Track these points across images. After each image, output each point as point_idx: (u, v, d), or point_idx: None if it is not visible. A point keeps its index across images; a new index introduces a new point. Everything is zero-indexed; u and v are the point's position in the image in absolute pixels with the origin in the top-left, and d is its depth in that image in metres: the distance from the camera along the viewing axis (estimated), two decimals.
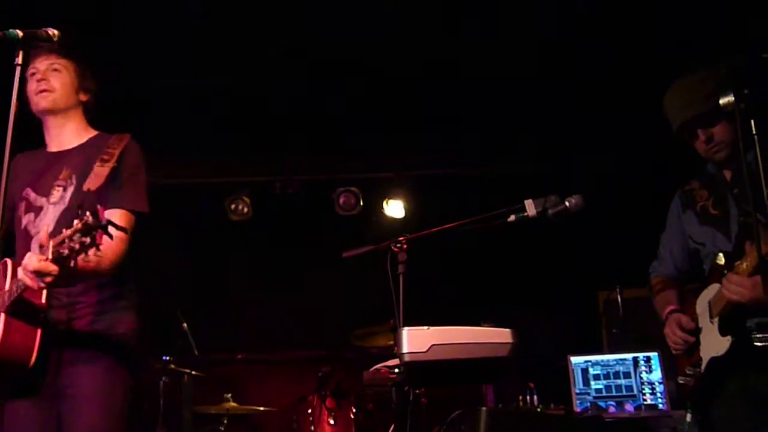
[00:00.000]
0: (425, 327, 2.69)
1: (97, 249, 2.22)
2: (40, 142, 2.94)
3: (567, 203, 2.97)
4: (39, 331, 2.53)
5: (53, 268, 2.33)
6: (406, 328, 2.71)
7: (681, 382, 2.97)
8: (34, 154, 2.95)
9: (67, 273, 2.36)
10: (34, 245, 2.68)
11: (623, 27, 4.76)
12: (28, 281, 2.38)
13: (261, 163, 6.53)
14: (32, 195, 2.82)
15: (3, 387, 2.66)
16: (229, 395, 5.25)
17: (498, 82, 5.33)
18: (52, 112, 2.85)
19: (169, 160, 6.36)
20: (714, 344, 2.78)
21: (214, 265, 6.26)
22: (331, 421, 4.76)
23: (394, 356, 2.83)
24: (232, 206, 6.53)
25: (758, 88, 2.40)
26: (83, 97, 2.90)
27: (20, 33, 2.28)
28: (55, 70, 2.82)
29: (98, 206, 2.22)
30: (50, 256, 2.30)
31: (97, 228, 2.19)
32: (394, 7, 4.61)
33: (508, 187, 5.36)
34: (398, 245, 3.01)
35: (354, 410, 4.79)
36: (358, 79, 5.33)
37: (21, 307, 2.50)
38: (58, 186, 2.80)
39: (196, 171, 6.53)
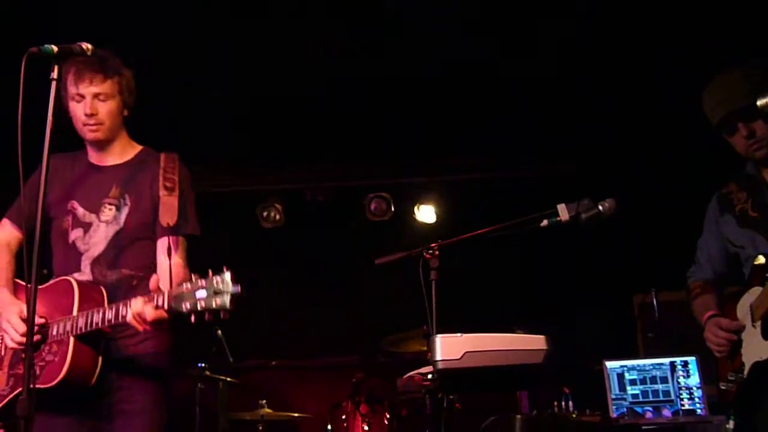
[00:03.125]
0: (458, 334, 2.68)
1: (228, 313, 2.29)
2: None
3: (600, 207, 2.93)
4: (101, 357, 2.63)
5: (166, 317, 2.41)
6: (439, 336, 2.70)
7: (723, 388, 2.91)
8: (71, 160, 2.92)
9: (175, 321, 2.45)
10: (85, 263, 2.76)
11: (656, 24, 4.70)
12: (137, 325, 2.45)
13: (292, 171, 6.57)
14: (80, 210, 2.82)
15: (62, 402, 2.70)
16: (264, 401, 5.28)
17: (529, 84, 5.29)
18: (102, 141, 2.87)
19: (200, 169, 6.42)
20: (757, 349, 2.72)
21: (246, 273, 6.27)
22: (365, 427, 4.76)
23: (427, 362, 2.83)
24: (264, 214, 6.56)
25: None
26: (126, 113, 2.90)
27: (55, 48, 2.29)
28: (102, 99, 2.78)
29: (227, 269, 2.30)
30: (166, 307, 2.36)
31: (230, 294, 2.27)
32: (419, 9, 4.60)
33: (540, 191, 5.33)
34: (430, 251, 3.00)
35: (388, 416, 4.78)
36: (388, 85, 5.34)
37: (90, 333, 2.58)
38: (109, 204, 2.81)
39: (228, 180, 6.58)
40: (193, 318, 2.31)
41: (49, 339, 2.64)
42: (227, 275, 2.28)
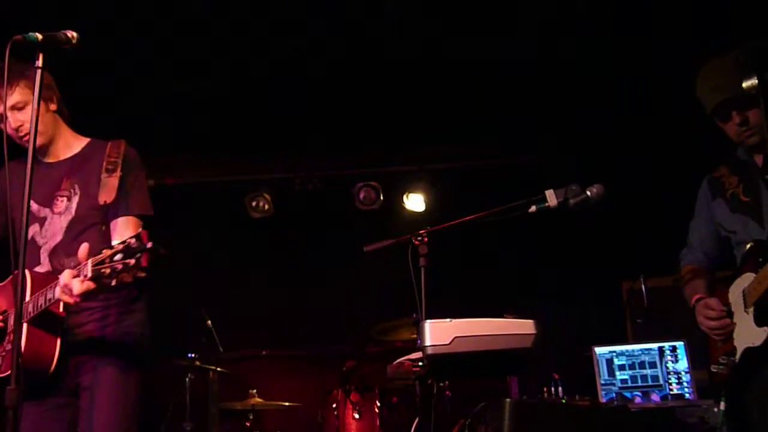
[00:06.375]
0: (448, 320, 2.69)
1: (143, 270, 2.29)
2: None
3: (588, 192, 2.94)
4: (59, 340, 2.64)
5: (93, 287, 2.40)
6: (428, 321, 2.71)
7: (714, 370, 2.91)
8: (24, 162, 2.95)
9: (103, 290, 2.44)
10: (44, 255, 2.80)
11: (643, 6, 4.71)
12: (67, 298, 2.45)
13: (280, 160, 6.55)
14: (34, 206, 2.84)
15: (32, 389, 2.68)
16: (254, 391, 5.29)
17: (515, 70, 5.29)
18: (42, 145, 2.86)
19: (189, 159, 6.42)
20: (749, 334, 2.72)
21: (236, 263, 6.29)
22: (356, 416, 4.78)
23: (417, 349, 2.83)
24: (253, 203, 6.55)
25: None
26: (53, 107, 2.88)
27: (39, 36, 2.28)
28: (20, 108, 2.77)
29: (141, 229, 2.31)
30: (89, 275, 2.36)
31: (142, 251, 2.26)
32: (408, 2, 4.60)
33: (529, 178, 5.33)
34: (419, 238, 3.00)
35: (378, 404, 4.80)
36: (375, 74, 5.33)
37: (43, 318, 2.59)
38: (61, 196, 2.85)
39: (217, 169, 6.56)
40: (114, 281, 2.32)
41: (8, 330, 2.69)
42: (140, 234, 2.30)
